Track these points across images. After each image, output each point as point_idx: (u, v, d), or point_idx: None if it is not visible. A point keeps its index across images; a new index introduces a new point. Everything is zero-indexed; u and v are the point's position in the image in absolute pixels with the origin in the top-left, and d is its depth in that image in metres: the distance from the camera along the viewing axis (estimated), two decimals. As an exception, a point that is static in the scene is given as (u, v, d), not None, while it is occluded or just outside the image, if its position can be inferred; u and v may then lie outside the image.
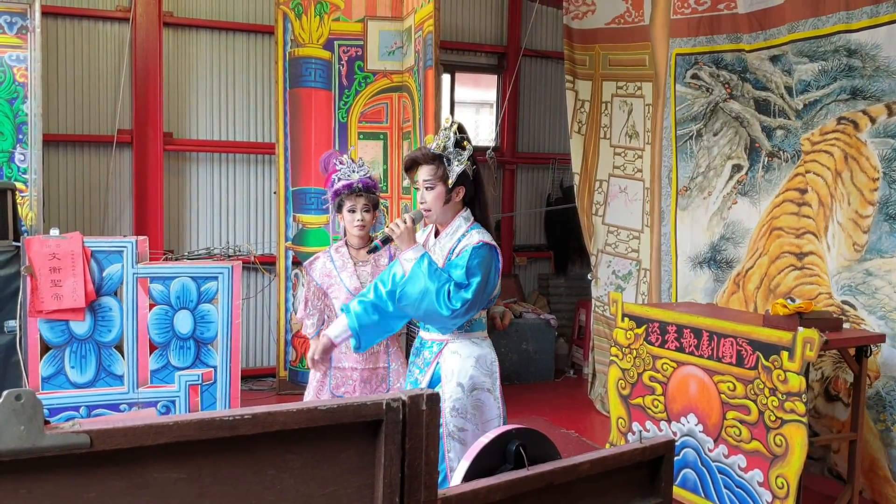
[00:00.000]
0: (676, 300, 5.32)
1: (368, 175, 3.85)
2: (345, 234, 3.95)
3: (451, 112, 7.97)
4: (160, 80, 6.53)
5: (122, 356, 4.52)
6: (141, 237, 4.63)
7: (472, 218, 3.11)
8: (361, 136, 6.66)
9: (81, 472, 1.19)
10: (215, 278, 4.62)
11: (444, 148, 3.03)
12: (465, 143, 3.05)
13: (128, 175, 6.62)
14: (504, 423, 3.00)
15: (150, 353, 4.56)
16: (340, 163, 3.86)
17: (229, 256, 6.45)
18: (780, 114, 4.84)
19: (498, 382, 3.12)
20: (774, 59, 4.79)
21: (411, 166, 3.12)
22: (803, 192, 4.73)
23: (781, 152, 4.82)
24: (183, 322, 4.58)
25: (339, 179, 3.80)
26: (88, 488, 1.19)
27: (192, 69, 6.84)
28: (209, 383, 4.63)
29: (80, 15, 6.45)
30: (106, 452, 1.18)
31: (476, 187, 3.13)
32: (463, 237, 3.04)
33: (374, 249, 3.22)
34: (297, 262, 6.59)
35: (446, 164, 3.03)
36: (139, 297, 4.51)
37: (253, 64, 7.00)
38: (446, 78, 7.75)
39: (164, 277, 4.55)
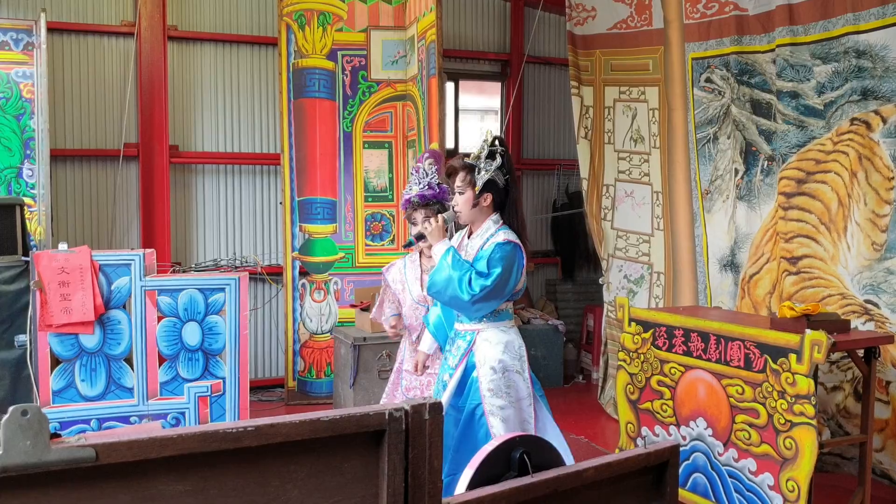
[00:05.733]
0: (711, 303, 5.31)
1: (429, 185, 4.00)
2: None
3: (456, 120, 7.99)
4: (165, 93, 6.57)
5: (132, 369, 4.53)
6: (148, 250, 4.65)
7: (501, 221, 3.43)
8: (366, 146, 6.68)
9: (88, 485, 1.20)
10: (222, 290, 4.64)
11: (477, 158, 3.37)
12: (497, 154, 3.37)
13: (134, 188, 6.66)
14: (539, 404, 3.45)
15: (160, 366, 4.58)
16: (415, 171, 4.06)
17: (236, 268, 6.50)
18: (776, 117, 4.85)
19: (526, 365, 3.45)
20: (775, 62, 4.80)
21: (452, 173, 3.45)
22: (790, 196, 4.74)
23: (779, 156, 4.82)
24: (191, 334, 4.60)
25: (405, 194, 4.05)
26: (95, 502, 1.20)
27: (197, 82, 6.88)
28: (218, 395, 4.64)
29: (85, 30, 6.50)
30: (112, 466, 1.19)
31: (506, 194, 3.43)
32: (491, 237, 3.38)
33: (409, 244, 3.72)
34: (303, 272, 6.61)
35: (476, 172, 3.36)
36: (147, 310, 4.52)
37: (257, 75, 7.04)
38: (450, 86, 7.76)
39: (172, 290, 4.57)
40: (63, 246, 4.49)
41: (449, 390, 3.44)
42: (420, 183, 3.96)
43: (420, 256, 4.11)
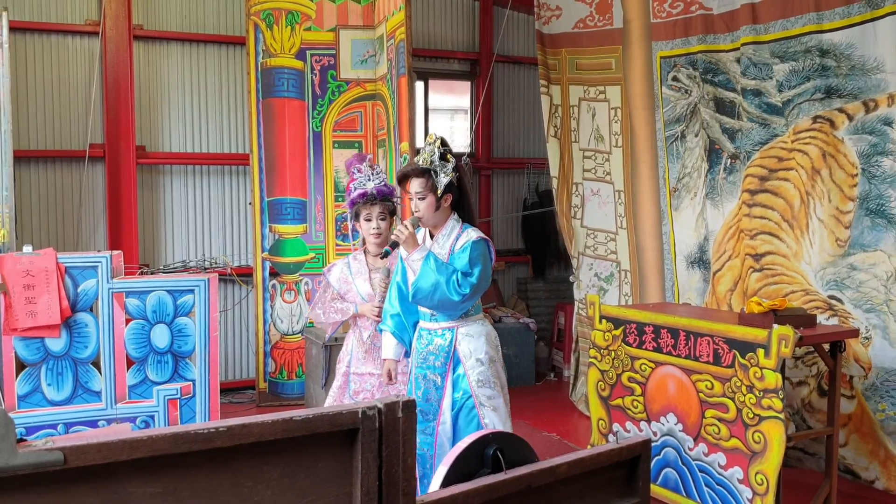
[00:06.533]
0: (679, 300, 5.36)
1: (384, 182, 3.97)
2: (363, 243, 4.07)
3: (426, 119, 7.99)
4: (131, 93, 6.49)
5: (100, 372, 4.48)
6: (115, 252, 4.59)
7: (461, 220, 3.55)
8: (336, 145, 6.66)
9: (56, 489, 1.18)
10: (191, 291, 4.59)
11: (431, 162, 3.46)
12: (449, 155, 3.48)
13: (101, 189, 6.57)
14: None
15: (128, 369, 4.53)
16: (358, 171, 3.98)
17: (205, 269, 6.44)
18: (740, 115, 4.91)
19: (500, 353, 3.64)
20: (738, 61, 4.85)
21: (403, 179, 3.51)
22: (753, 193, 4.79)
23: (742, 153, 4.88)
24: (160, 336, 4.55)
25: (355, 189, 3.95)
26: (63, 506, 1.19)
27: (164, 82, 6.81)
28: (188, 397, 4.60)
29: (48, 30, 6.39)
30: (80, 469, 1.17)
31: (460, 192, 3.56)
32: (460, 235, 3.49)
33: (386, 254, 3.65)
34: (274, 273, 6.57)
35: (434, 176, 3.45)
36: (115, 313, 4.47)
37: (225, 75, 6.98)
38: (420, 85, 7.76)
39: (140, 292, 4.52)
40: (28, 248, 4.42)
41: (446, 395, 3.52)
42: (372, 179, 3.92)
43: (365, 255, 4.04)
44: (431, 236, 3.60)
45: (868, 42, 4.19)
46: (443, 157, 3.48)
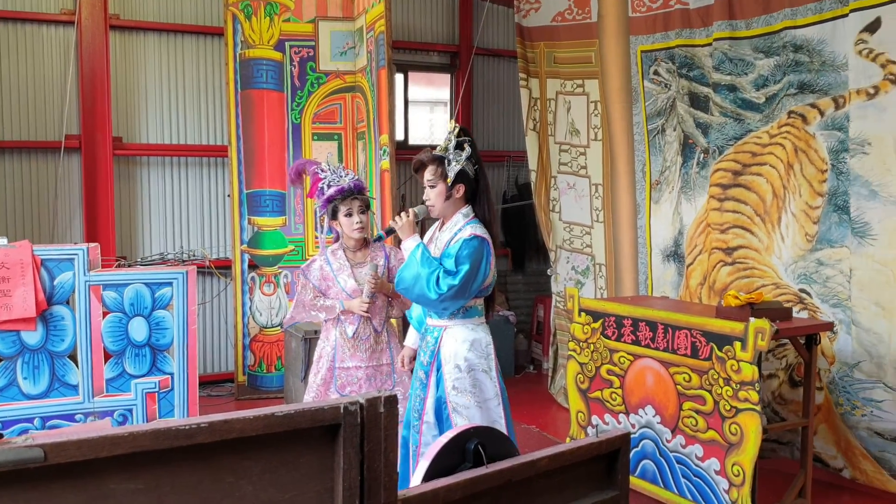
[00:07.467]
0: (652, 293, 5.39)
1: (356, 177, 3.89)
2: (337, 239, 3.95)
3: (406, 111, 7.98)
4: (108, 83, 6.41)
5: (76, 366, 4.44)
6: (92, 244, 4.55)
7: (472, 214, 3.38)
8: (315, 137, 6.63)
9: (36, 486, 1.17)
10: (169, 284, 4.56)
11: (446, 150, 3.34)
12: (465, 144, 3.34)
13: (77, 181, 6.50)
14: (503, 403, 3.41)
15: (105, 362, 4.49)
16: (322, 170, 3.87)
17: (183, 261, 6.40)
18: (712, 110, 4.94)
19: (493, 364, 3.41)
20: (712, 56, 4.89)
21: (419, 168, 3.40)
22: (725, 187, 4.83)
23: (714, 148, 4.91)
24: (138, 329, 4.52)
25: (330, 186, 3.83)
26: (44, 503, 1.18)
27: (141, 72, 6.74)
28: (166, 391, 4.57)
29: (23, 18, 6.31)
30: (61, 466, 1.17)
31: (477, 184, 3.40)
32: (459, 231, 3.32)
33: (379, 239, 3.66)
34: (253, 266, 6.55)
35: (446, 164, 3.32)
36: (92, 305, 4.43)
37: (203, 66, 6.92)
38: (399, 77, 7.74)
39: (117, 284, 4.48)
40: (3, 240, 4.37)
41: (430, 394, 3.41)
42: (344, 175, 3.84)
43: (344, 251, 3.91)
44: (442, 227, 3.47)
45: (838, 38, 4.24)
46: (458, 146, 3.33)
